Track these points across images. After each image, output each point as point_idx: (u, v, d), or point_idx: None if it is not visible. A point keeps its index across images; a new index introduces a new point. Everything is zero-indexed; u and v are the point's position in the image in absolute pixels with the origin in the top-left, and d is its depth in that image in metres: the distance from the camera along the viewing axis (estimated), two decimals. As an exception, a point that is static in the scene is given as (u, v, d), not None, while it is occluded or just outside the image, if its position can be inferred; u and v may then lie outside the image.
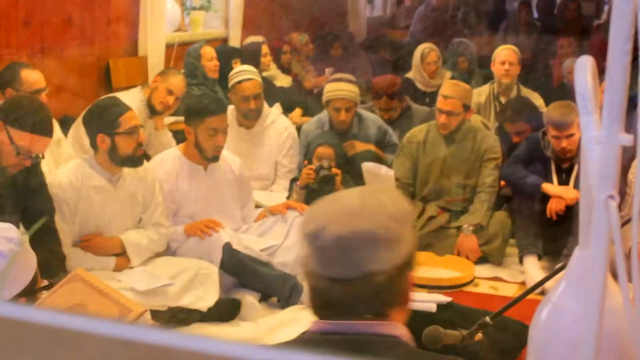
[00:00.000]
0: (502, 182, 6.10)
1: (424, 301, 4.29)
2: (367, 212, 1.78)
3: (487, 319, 2.83)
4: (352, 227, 1.75)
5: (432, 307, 4.74)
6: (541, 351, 1.21)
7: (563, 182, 5.69)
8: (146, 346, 0.68)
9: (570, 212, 5.45)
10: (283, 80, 9.09)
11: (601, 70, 1.04)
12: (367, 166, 5.83)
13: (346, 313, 1.78)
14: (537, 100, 7.22)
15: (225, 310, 4.83)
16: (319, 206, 1.88)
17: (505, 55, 7.45)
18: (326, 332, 1.80)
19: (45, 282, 2.26)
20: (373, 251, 1.75)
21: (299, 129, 7.08)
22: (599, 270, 0.95)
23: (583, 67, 1.06)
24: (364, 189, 1.94)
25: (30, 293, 2.19)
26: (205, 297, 4.80)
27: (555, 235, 5.58)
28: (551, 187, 5.63)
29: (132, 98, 6.29)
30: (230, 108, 6.28)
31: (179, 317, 4.72)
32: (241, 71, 6.51)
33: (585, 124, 1.01)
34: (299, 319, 4.77)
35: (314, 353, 0.69)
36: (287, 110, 7.81)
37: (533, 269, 5.48)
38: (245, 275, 5.01)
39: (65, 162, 5.56)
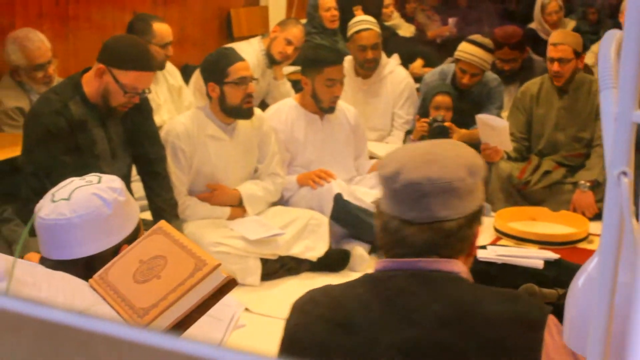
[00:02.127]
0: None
1: (531, 257, 4.25)
2: (443, 162, 1.84)
3: (584, 278, 2.78)
4: (427, 174, 1.81)
5: (539, 264, 4.69)
6: (575, 319, 1.21)
7: (686, 137, 5.50)
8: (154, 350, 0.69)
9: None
10: (406, 30, 9.03)
11: None
12: (481, 118, 5.75)
13: (413, 253, 1.84)
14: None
15: (335, 261, 4.89)
16: (397, 152, 1.95)
17: None
18: (389, 270, 1.87)
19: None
20: (445, 199, 1.81)
21: (420, 79, 7.02)
22: (610, 246, 0.94)
23: (608, 41, 1.04)
24: (442, 141, 1.99)
25: (133, 241, 2.29)
26: (315, 247, 4.87)
27: (674, 192, 5.40)
28: (670, 143, 5.44)
29: (252, 47, 6.39)
30: (348, 58, 6.29)
31: (288, 266, 4.81)
32: (360, 21, 6.48)
33: (604, 99, 0.99)
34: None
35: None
36: (408, 60, 7.74)
37: (649, 226, 5.33)
38: (355, 226, 5.05)
39: (187, 109, 5.70)
